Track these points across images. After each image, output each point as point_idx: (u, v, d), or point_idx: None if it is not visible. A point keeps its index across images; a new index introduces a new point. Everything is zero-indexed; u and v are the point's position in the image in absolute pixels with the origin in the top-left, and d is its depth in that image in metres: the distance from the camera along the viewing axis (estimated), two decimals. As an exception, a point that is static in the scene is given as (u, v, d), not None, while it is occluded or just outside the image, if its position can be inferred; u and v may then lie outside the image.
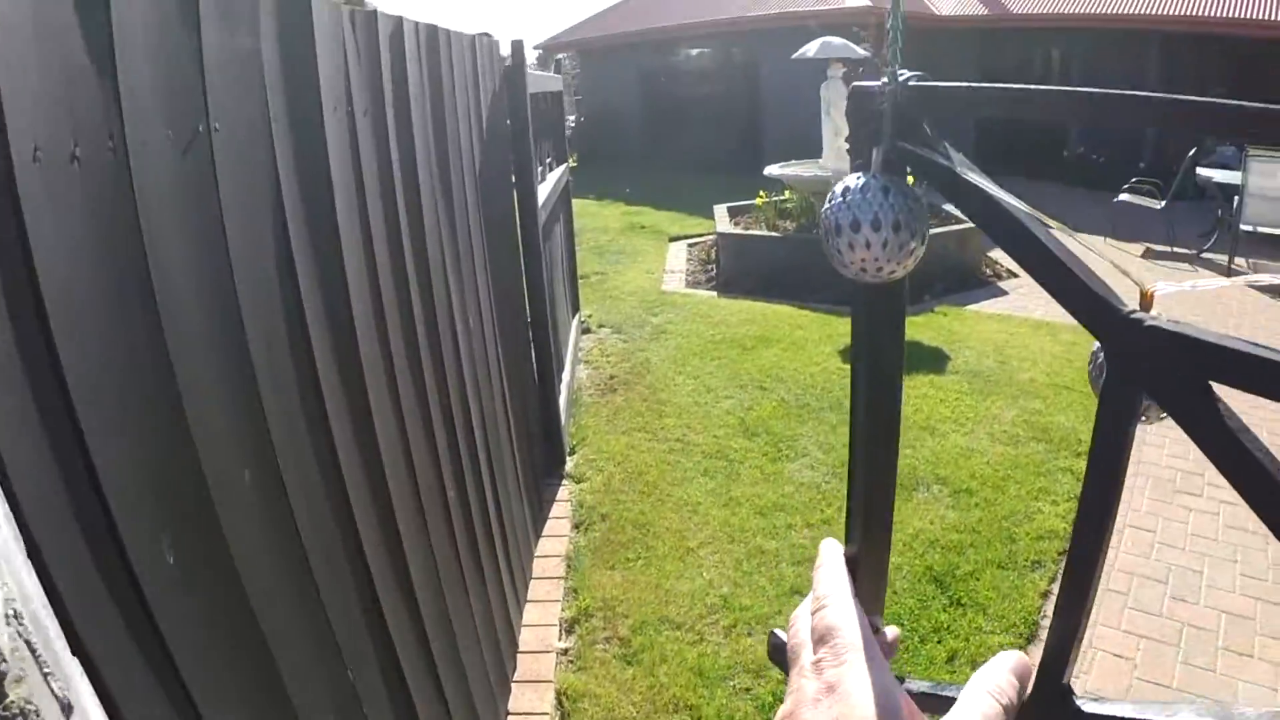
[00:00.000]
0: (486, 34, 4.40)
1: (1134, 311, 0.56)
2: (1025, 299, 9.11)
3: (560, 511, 5.06)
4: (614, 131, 20.35)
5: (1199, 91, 1.77)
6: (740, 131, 18.02)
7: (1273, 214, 10.68)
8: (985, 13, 18.22)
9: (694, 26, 19.22)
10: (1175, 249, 11.59)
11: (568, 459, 5.59)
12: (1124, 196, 12.21)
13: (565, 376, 6.18)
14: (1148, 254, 11.63)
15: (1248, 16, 15.63)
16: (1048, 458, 5.50)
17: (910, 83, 0.61)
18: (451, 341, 3.07)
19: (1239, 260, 10.97)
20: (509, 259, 4.80)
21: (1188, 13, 16.14)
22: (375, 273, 2.21)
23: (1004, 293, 9.46)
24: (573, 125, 22.58)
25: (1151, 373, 0.55)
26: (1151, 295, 0.56)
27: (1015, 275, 10.08)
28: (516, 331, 4.84)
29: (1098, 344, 0.60)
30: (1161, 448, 5.80)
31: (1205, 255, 11.38)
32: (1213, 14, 15.89)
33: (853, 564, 0.71)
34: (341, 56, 2.04)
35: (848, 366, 3.12)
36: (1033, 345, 7.55)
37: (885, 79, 0.61)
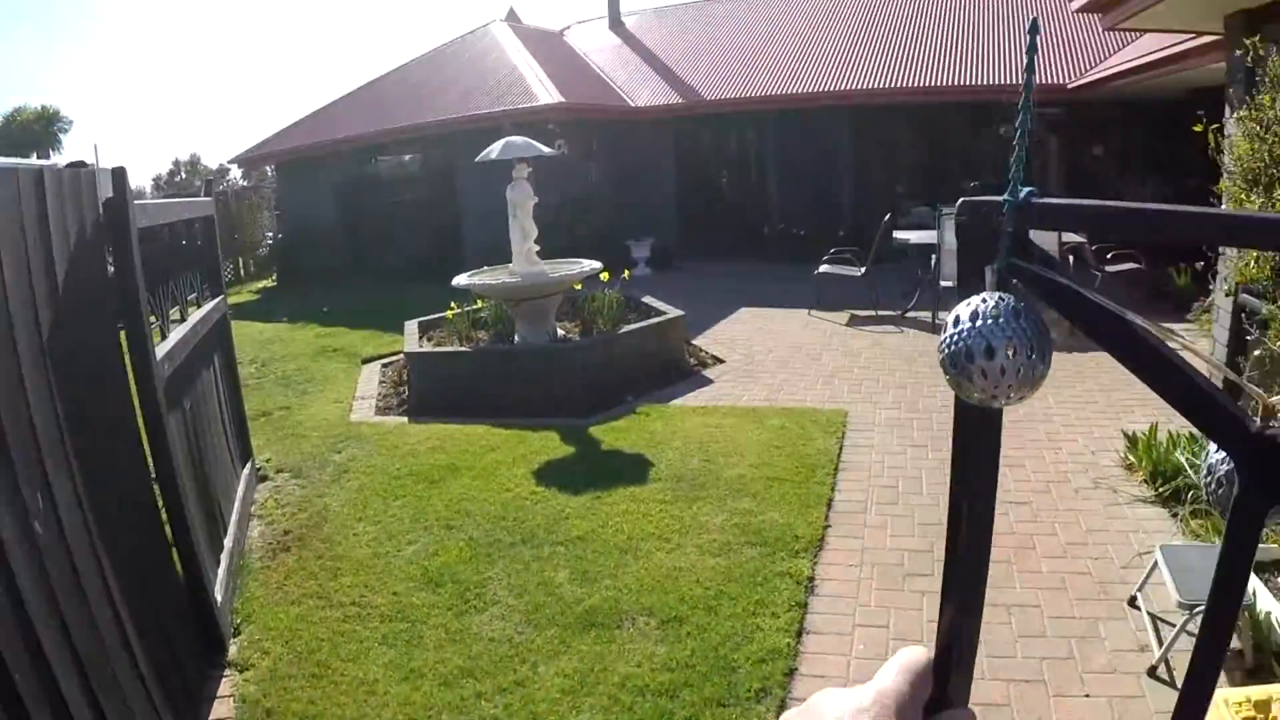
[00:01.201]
0: (80, 163, 3.64)
1: (1268, 427, 0.55)
2: (731, 385, 8.87)
3: (223, 711, 4.17)
4: (314, 246, 19.33)
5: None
6: (441, 240, 17.44)
7: None
8: (680, 101, 18.53)
9: (392, 133, 18.66)
10: (879, 312, 11.79)
11: (231, 643, 4.66)
12: (825, 267, 12.39)
13: (229, 543, 5.32)
14: (852, 320, 11.80)
15: (927, 84, 16.73)
16: (764, 563, 5.03)
17: (1033, 199, 0.60)
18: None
19: (943, 314, 11.23)
20: (113, 432, 3.99)
21: (874, 85, 16.98)
22: None
23: (709, 381, 9.13)
24: (270, 242, 21.55)
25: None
26: (1274, 408, 0.57)
27: (721, 361, 9.88)
28: (137, 519, 4.06)
29: (1216, 459, 0.66)
30: (884, 528, 5.52)
31: (910, 314, 11.60)
32: (896, 85, 16.82)
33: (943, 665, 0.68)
34: None
35: (540, 489, 6.44)
36: (740, 436, 7.18)
37: (1006, 195, 0.60)
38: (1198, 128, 4.02)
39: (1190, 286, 11.90)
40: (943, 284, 11.04)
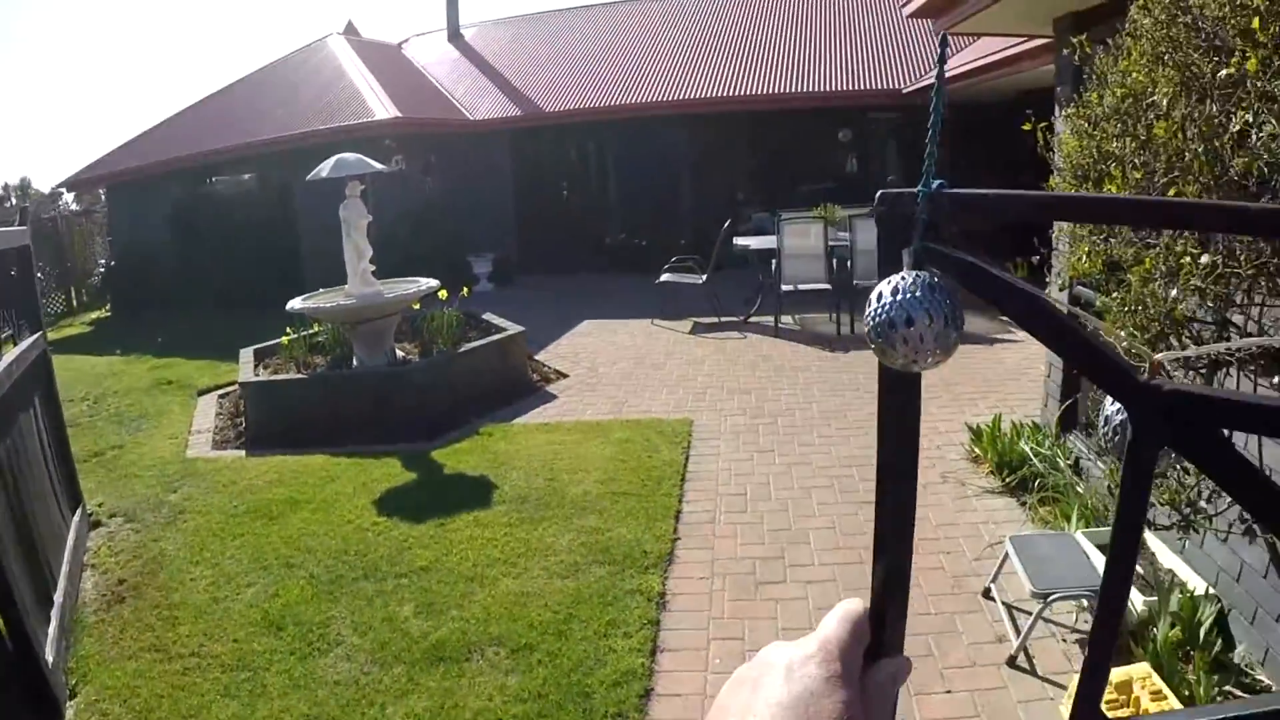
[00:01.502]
0: None
1: (1153, 379, 0.65)
2: (575, 400, 8.78)
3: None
4: (148, 273, 18.41)
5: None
6: (280, 262, 16.80)
7: (807, 271, 11.18)
8: (519, 112, 18.36)
9: (227, 152, 17.79)
10: (722, 318, 11.87)
11: (67, 707, 4.35)
12: (666, 276, 12.43)
13: (59, 598, 4.96)
14: (695, 328, 11.85)
15: (767, 91, 17.04)
16: (613, 582, 4.95)
17: (943, 190, 0.68)
18: None
19: (785, 318, 11.40)
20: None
21: (713, 93, 17.15)
22: None
23: (553, 397, 9.01)
24: (103, 270, 20.55)
25: (1174, 427, 0.65)
26: (1159, 365, 0.70)
27: (564, 376, 9.79)
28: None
29: (1112, 410, 0.78)
30: (733, 538, 5.51)
31: (752, 320, 11.71)
32: (735, 92, 17.05)
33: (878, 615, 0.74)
34: None
35: (383, 520, 6.18)
36: (585, 452, 7.09)
37: (920, 186, 0.68)
38: (1026, 126, 4.12)
39: (1027, 279, 12.33)
40: (783, 288, 11.18)
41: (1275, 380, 2.78)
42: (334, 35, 21.45)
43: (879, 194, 0.71)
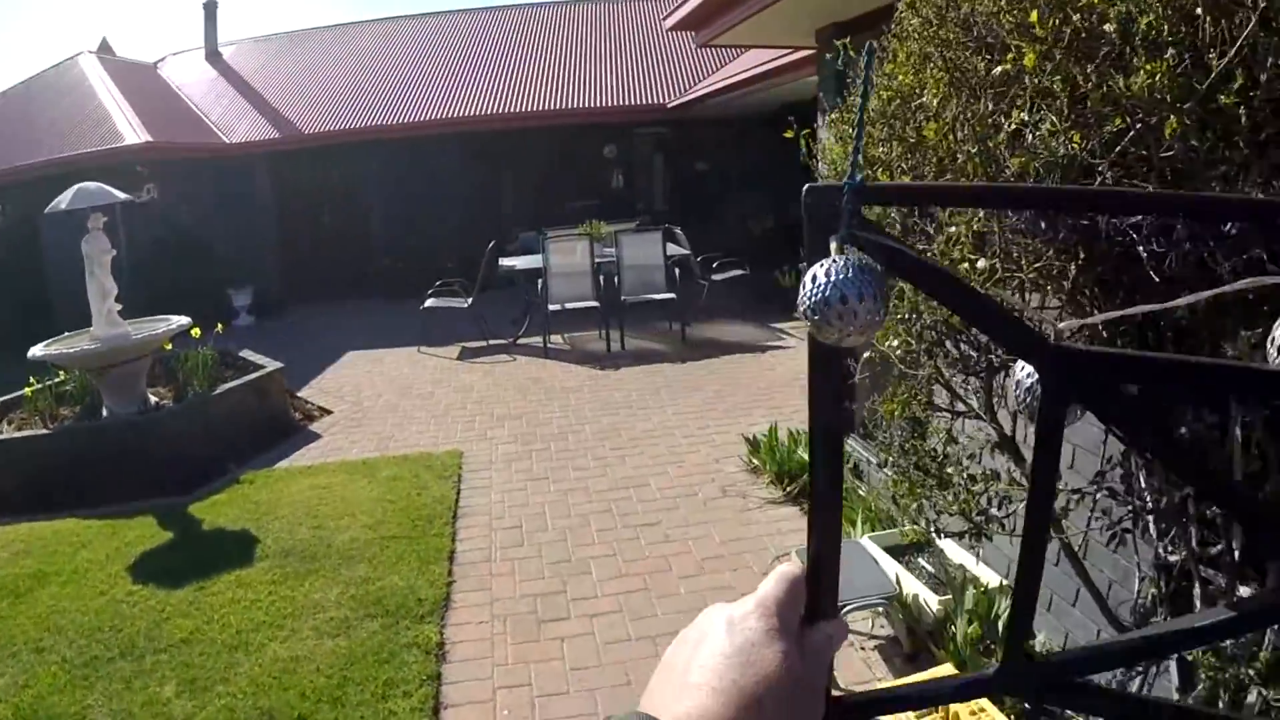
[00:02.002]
0: None
1: (1060, 341, 0.77)
2: (340, 438, 8.45)
3: None
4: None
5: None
6: (26, 304, 15.56)
7: (574, 289, 11.20)
8: (278, 135, 17.65)
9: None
10: (490, 342, 11.75)
11: None
12: (431, 301, 12.22)
13: None
14: (463, 353, 11.68)
15: (533, 109, 17.07)
16: (388, 636, 4.74)
17: (863, 184, 0.75)
18: None
19: (554, 338, 11.39)
20: None
21: (479, 112, 17.01)
22: None
23: (316, 436, 8.63)
24: None
25: (1081, 386, 0.76)
26: (1063, 333, 0.82)
27: (328, 412, 9.41)
28: None
29: (1023, 375, 0.89)
30: (511, 575, 5.40)
31: (520, 342, 11.66)
32: (500, 110, 16.98)
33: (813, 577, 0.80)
34: None
35: (139, 588, 5.60)
36: (351, 495, 6.80)
37: (846, 180, 0.74)
38: (788, 134, 4.13)
39: (795, 287, 12.65)
40: (551, 307, 11.16)
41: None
42: (86, 54, 20.04)
43: (806, 188, 0.76)
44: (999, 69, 2.32)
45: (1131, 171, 2.33)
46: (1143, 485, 3.17)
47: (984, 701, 3.63)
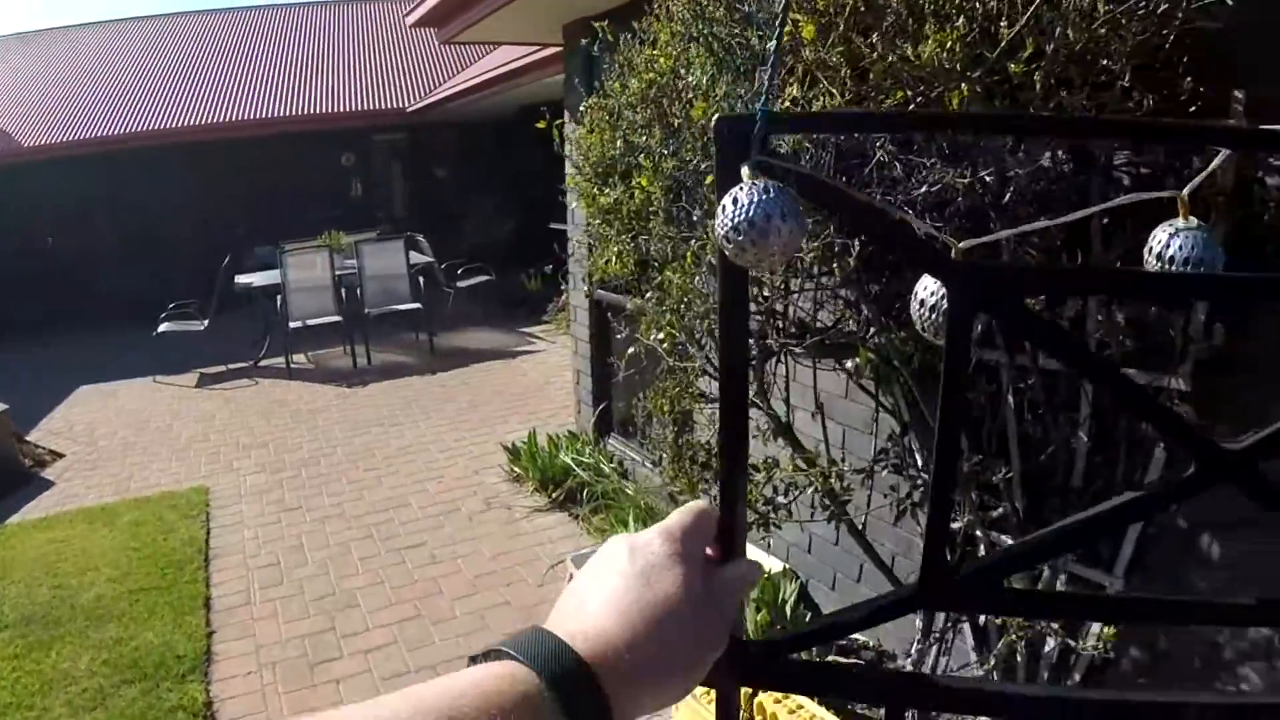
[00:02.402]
0: None
1: (966, 258, 0.83)
2: (75, 484, 7.80)
3: None
4: None
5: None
6: None
7: (315, 304, 10.89)
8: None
9: None
10: (230, 366, 11.22)
11: None
12: (165, 325, 11.52)
13: None
14: (202, 380, 11.05)
15: (265, 116, 16.39)
16: (149, 703, 4.41)
17: (775, 111, 0.78)
18: None
19: (297, 357, 11.03)
20: None
21: (207, 120, 16.07)
22: None
23: (50, 484, 7.92)
24: None
25: (987, 299, 0.80)
26: (961, 249, 0.87)
27: (61, 456, 8.65)
28: None
29: (928, 294, 0.90)
30: (275, 617, 5.17)
31: (263, 364, 11.19)
32: (230, 118, 16.15)
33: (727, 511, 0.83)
34: None
35: None
36: (93, 546, 6.29)
37: (759, 108, 0.76)
38: (541, 124, 4.08)
39: (541, 289, 12.72)
40: (292, 325, 10.78)
41: None
42: None
43: (717, 118, 0.79)
44: (771, 44, 2.28)
45: (912, 144, 2.43)
46: (920, 463, 3.35)
47: (803, 699, 3.68)
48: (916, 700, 1.12)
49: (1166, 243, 0.93)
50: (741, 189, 0.75)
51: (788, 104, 2.38)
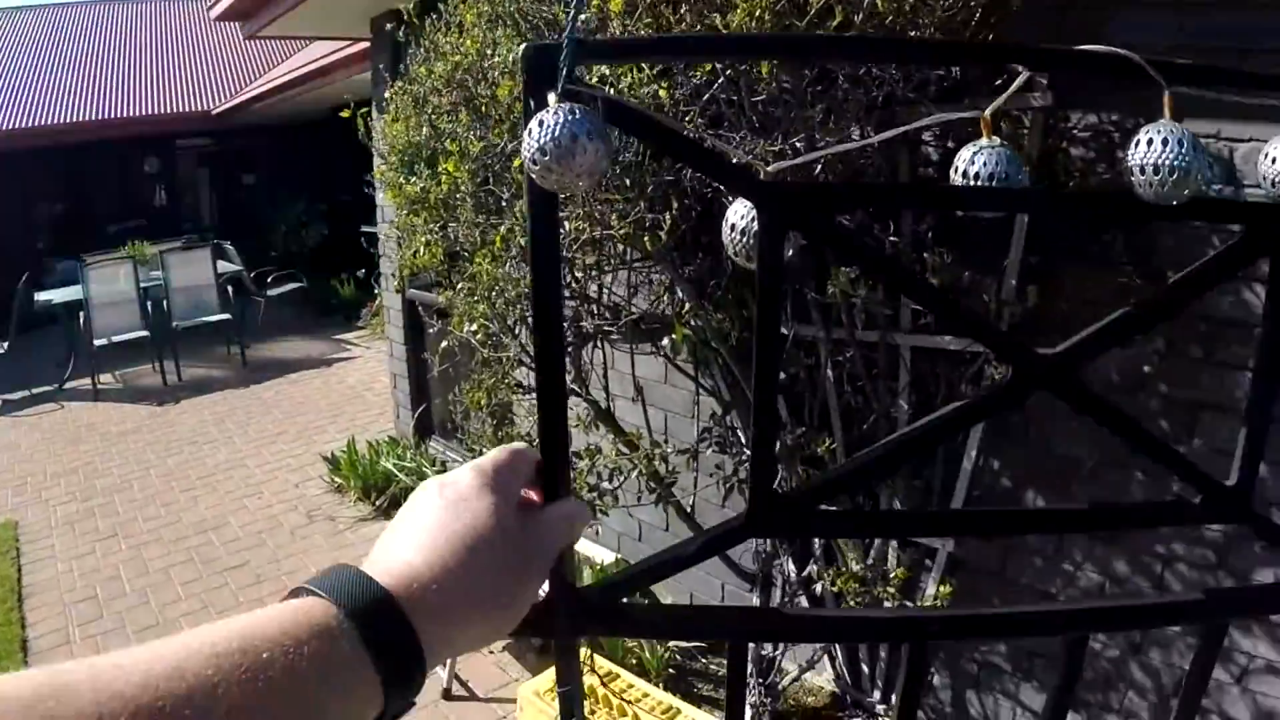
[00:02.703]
0: None
1: (770, 175, 0.87)
2: None
3: None
4: None
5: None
6: None
7: (120, 320, 10.53)
8: None
9: None
10: (33, 390, 10.66)
11: None
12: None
13: None
14: (5, 406, 10.39)
15: (58, 123, 15.42)
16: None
17: (582, 41, 0.79)
18: None
19: (104, 377, 10.62)
20: None
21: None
22: None
23: None
24: None
25: (798, 217, 0.84)
26: (770, 171, 0.90)
27: None
28: None
29: (738, 218, 0.91)
30: (97, 654, 4.92)
31: (69, 385, 10.69)
32: (11, 127, 15.04)
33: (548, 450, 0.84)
34: None
35: None
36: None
37: (566, 37, 0.77)
38: (345, 113, 4.04)
39: (355, 295, 12.56)
40: (97, 342, 10.35)
41: None
42: None
43: (524, 46, 0.81)
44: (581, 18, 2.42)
45: (722, 119, 2.52)
46: (744, 440, 3.46)
47: (608, 663, 3.76)
48: (762, 633, 1.16)
49: (970, 159, 0.96)
50: (547, 112, 0.77)
51: (595, 80, 2.41)
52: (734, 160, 0.90)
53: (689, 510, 3.79)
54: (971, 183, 0.95)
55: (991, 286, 2.81)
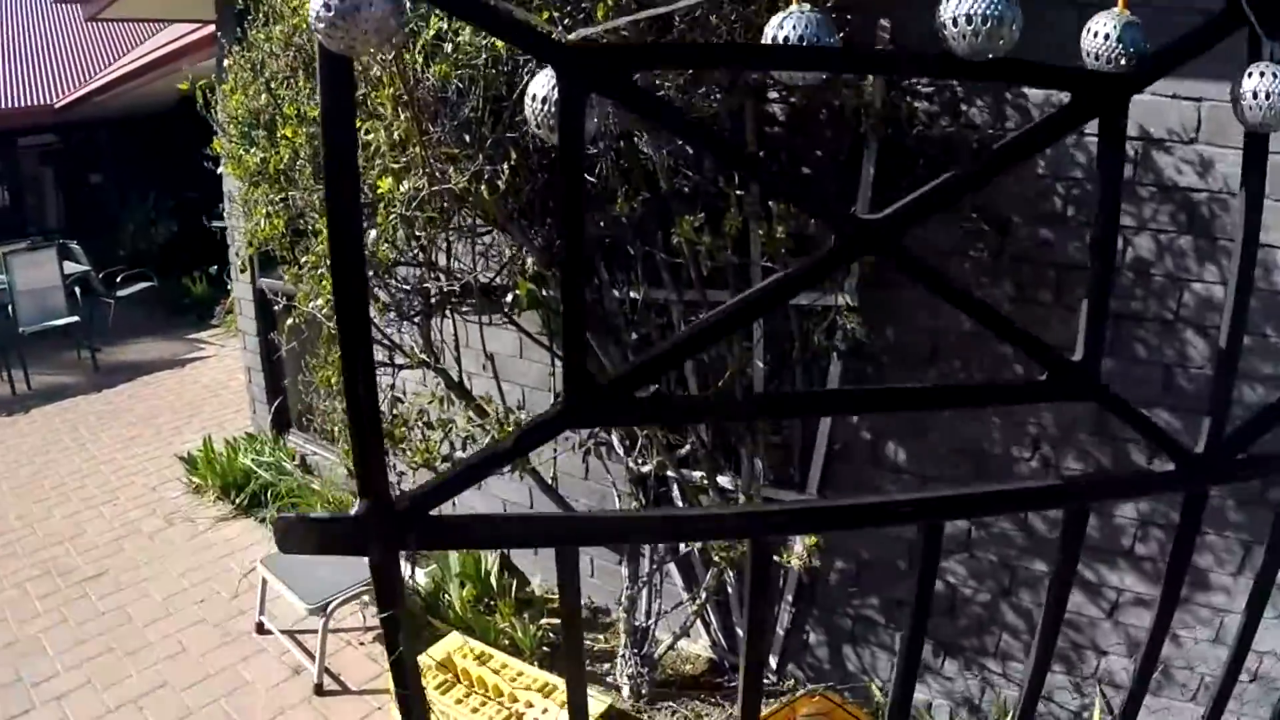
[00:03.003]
0: None
1: (573, 43, 0.84)
2: None
3: None
4: None
5: None
6: None
7: (46, 307, 10.25)
8: None
9: None
10: None
11: None
12: None
13: None
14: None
15: None
16: None
17: None
18: None
19: (34, 374, 10.21)
20: None
21: None
22: None
23: None
24: None
25: (598, 77, 0.82)
26: (573, 38, 0.90)
27: None
28: None
29: (541, 88, 0.87)
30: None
31: None
32: None
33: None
34: None
35: None
36: None
37: None
38: (183, 86, 3.94)
39: (208, 292, 12.29)
40: (21, 330, 10.05)
41: None
42: None
43: None
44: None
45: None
46: None
47: (480, 645, 3.79)
48: (571, 536, 1.08)
49: (779, 24, 0.96)
50: None
51: (434, 33, 2.48)
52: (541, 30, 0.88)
53: (550, 482, 3.84)
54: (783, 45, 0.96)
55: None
